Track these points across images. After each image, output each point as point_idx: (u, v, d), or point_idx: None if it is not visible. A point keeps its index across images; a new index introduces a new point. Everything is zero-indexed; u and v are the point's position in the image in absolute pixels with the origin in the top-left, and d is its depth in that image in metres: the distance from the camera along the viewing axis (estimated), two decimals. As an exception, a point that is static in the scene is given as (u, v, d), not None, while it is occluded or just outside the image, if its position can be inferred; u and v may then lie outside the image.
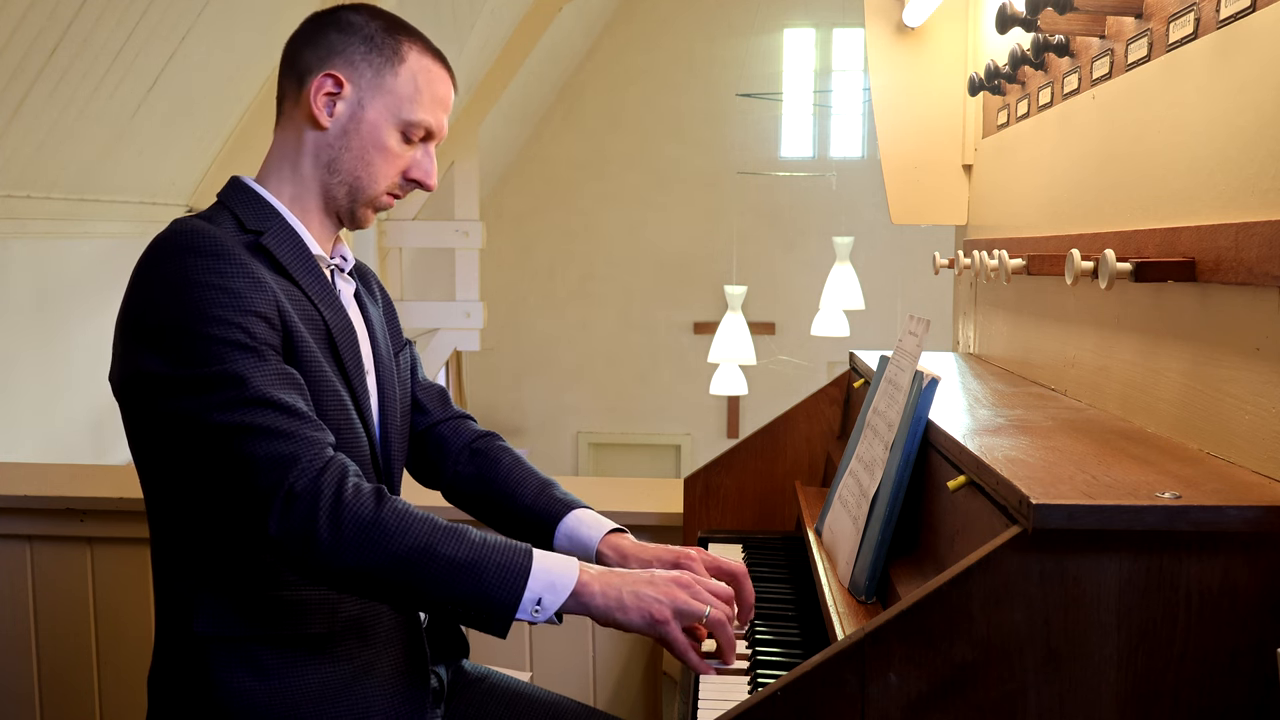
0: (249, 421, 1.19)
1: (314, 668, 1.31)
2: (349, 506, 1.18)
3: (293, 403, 1.23)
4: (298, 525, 1.18)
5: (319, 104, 1.35)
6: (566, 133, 9.20)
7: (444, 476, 1.59)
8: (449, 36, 5.60)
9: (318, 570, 1.20)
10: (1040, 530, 0.92)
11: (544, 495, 1.51)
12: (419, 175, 1.41)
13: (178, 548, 1.34)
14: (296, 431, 1.21)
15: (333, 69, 1.35)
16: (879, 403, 1.50)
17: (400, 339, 1.55)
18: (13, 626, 2.19)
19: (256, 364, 1.22)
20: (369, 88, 1.36)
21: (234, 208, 1.35)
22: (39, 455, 3.90)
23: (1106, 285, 1.20)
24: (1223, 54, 1.15)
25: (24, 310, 3.98)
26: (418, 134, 1.39)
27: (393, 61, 1.37)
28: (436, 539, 1.19)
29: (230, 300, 1.22)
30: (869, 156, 8.87)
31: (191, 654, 1.31)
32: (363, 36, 1.37)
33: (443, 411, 1.62)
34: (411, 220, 6.76)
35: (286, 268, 1.32)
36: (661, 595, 1.21)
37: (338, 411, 1.32)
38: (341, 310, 1.38)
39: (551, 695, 1.56)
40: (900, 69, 2.18)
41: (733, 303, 5.60)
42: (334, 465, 1.21)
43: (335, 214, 1.41)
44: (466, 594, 1.19)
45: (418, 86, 1.38)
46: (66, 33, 3.35)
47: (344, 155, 1.37)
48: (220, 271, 1.24)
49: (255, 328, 1.23)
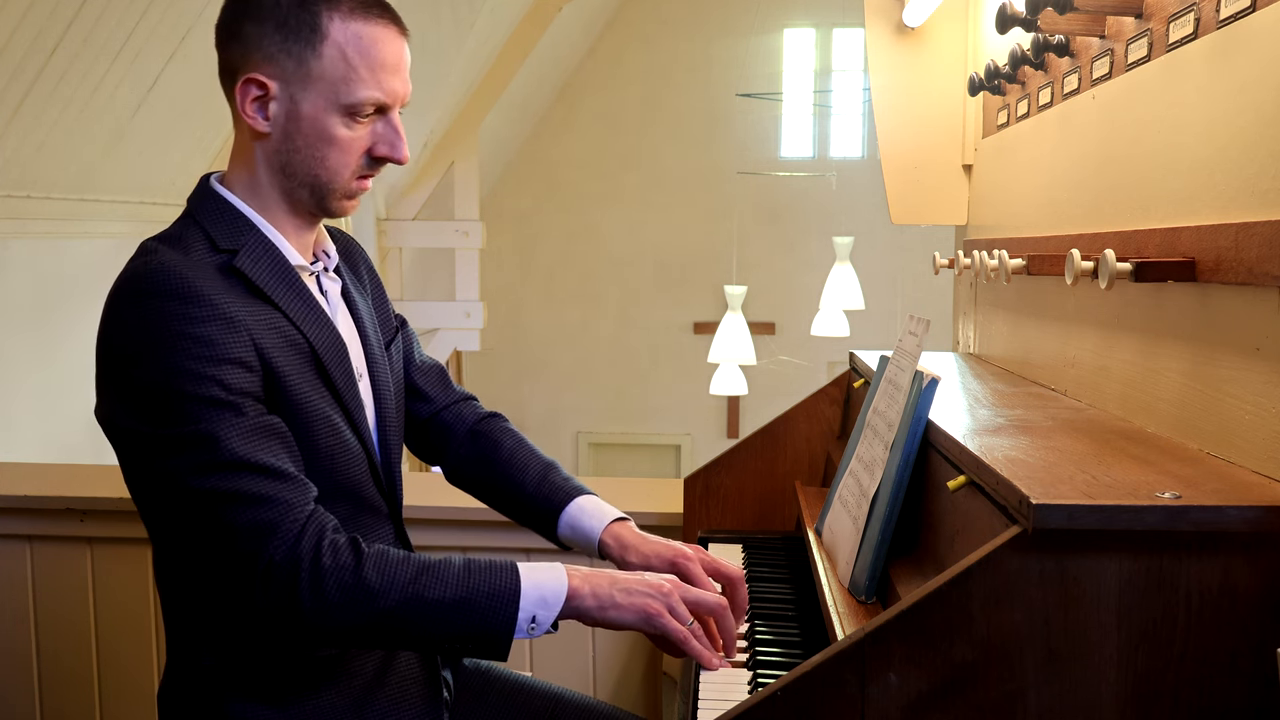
0: (224, 487, 1.15)
1: (326, 689, 1.30)
2: (329, 572, 1.15)
3: (270, 461, 1.17)
4: (281, 597, 1.15)
5: (250, 112, 1.24)
6: (566, 133, 9.19)
7: (446, 460, 1.57)
8: (449, 36, 5.59)
9: (309, 636, 1.18)
10: (1040, 530, 0.92)
11: (546, 483, 1.48)
12: (384, 151, 1.28)
13: (180, 582, 1.31)
14: (274, 495, 1.16)
15: (252, 71, 1.23)
16: (879, 403, 1.50)
17: (391, 323, 1.51)
18: (13, 626, 2.19)
19: (232, 420, 1.16)
20: (296, 80, 1.22)
21: (204, 222, 1.26)
22: (39, 455, 3.90)
23: (1106, 285, 1.20)
24: (1223, 54, 1.15)
25: (24, 310, 3.98)
26: (366, 112, 1.25)
27: (312, 41, 1.21)
28: (422, 585, 1.16)
29: (202, 349, 1.15)
30: (869, 156, 8.87)
31: (203, 684, 1.29)
32: (275, 21, 1.21)
33: (445, 396, 1.59)
34: (411, 220, 6.76)
35: (264, 290, 1.24)
36: (653, 591, 1.22)
37: (330, 437, 1.27)
38: (327, 325, 1.30)
39: (552, 687, 1.56)
40: (900, 69, 2.17)
41: (733, 303, 5.59)
42: (311, 528, 1.17)
43: (307, 213, 1.32)
44: (462, 631, 1.18)
45: (349, 62, 1.22)
46: (66, 33, 3.35)
47: (294, 158, 1.26)
48: (190, 317, 1.16)
49: (230, 377, 1.17)
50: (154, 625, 2.19)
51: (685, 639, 1.22)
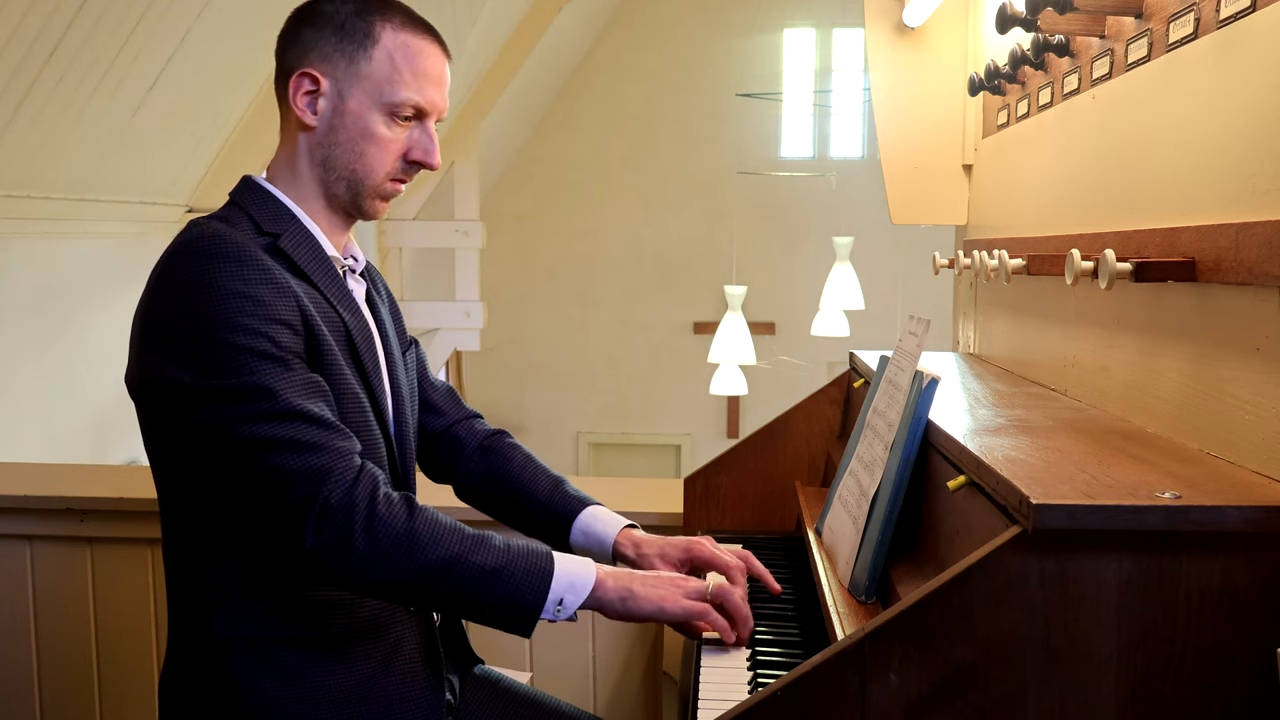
0: (278, 435, 1.20)
1: (334, 668, 1.32)
2: (383, 519, 1.20)
3: (320, 413, 1.23)
4: (334, 538, 1.19)
5: (300, 105, 1.33)
6: (566, 133, 9.19)
7: (456, 475, 1.62)
8: (449, 37, 5.59)
9: (352, 581, 1.23)
10: (1040, 530, 0.92)
11: (558, 493, 1.55)
12: (419, 156, 1.37)
13: (194, 550, 1.33)
14: (327, 443, 1.22)
15: (307, 67, 1.32)
16: (879, 403, 1.50)
17: (406, 338, 1.57)
18: (13, 626, 2.19)
19: (283, 374, 1.22)
20: (345, 78, 1.32)
21: (249, 208, 1.34)
22: (39, 455, 3.90)
23: (1106, 285, 1.20)
24: (1223, 54, 1.15)
25: (24, 310, 3.98)
26: (405, 114, 1.34)
27: (365, 45, 1.32)
28: (466, 548, 1.23)
29: (255, 308, 1.22)
30: (869, 156, 8.87)
31: (210, 655, 1.31)
32: (333, 26, 1.33)
33: (457, 412, 1.65)
34: (411, 220, 6.77)
35: (305, 270, 1.32)
36: (668, 584, 1.32)
37: (357, 414, 1.33)
38: (359, 312, 1.38)
39: (560, 703, 1.57)
40: (900, 69, 2.18)
41: (733, 303, 5.60)
42: (366, 476, 1.22)
43: (342, 210, 1.39)
44: (496, 599, 1.24)
45: (395, 65, 1.33)
46: (66, 33, 3.35)
47: (335, 151, 1.34)
48: (244, 278, 1.23)
49: (280, 336, 1.23)
50: (154, 625, 2.19)
51: (706, 613, 1.32)
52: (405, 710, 1.35)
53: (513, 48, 6.65)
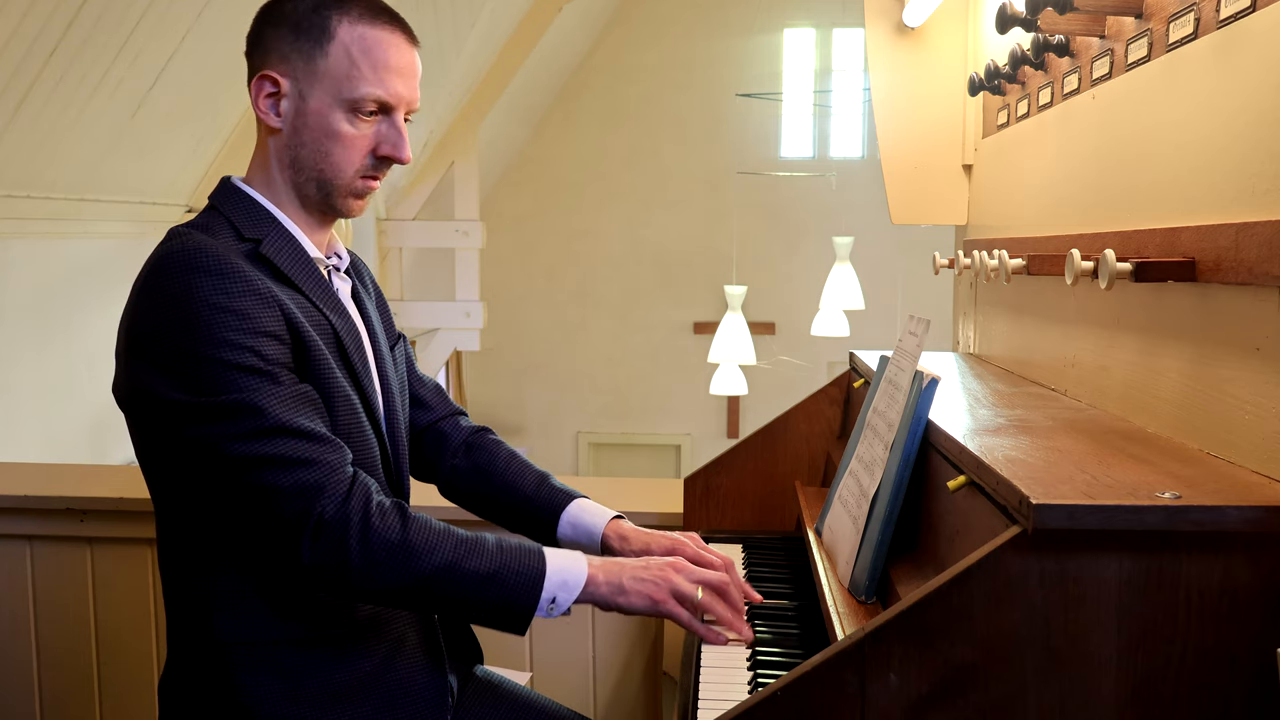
0: (269, 452, 1.20)
1: (337, 666, 1.32)
2: (378, 531, 1.21)
3: (311, 426, 1.23)
4: (330, 553, 1.20)
5: (263, 108, 1.32)
6: (566, 133, 9.19)
7: (441, 472, 1.61)
8: (449, 37, 5.60)
9: (350, 592, 1.24)
10: (1040, 530, 0.92)
11: (544, 487, 1.55)
12: (387, 151, 1.33)
13: (192, 556, 1.33)
14: (318, 458, 1.22)
15: (267, 68, 1.30)
16: (879, 403, 1.50)
17: (394, 332, 1.56)
18: (13, 626, 2.19)
19: (271, 389, 1.21)
20: (305, 77, 1.30)
21: (229, 213, 1.32)
22: (39, 455, 3.90)
23: (1106, 285, 1.20)
24: (1223, 54, 1.15)
25: (24, 310, 3.98)
26: (369, 109, 1.31)
27: (320, 42, 1.29)
28: (460, 554, 1.24)
29: (239, 322, 1.21)
30: (869, 156, 8.87)
31: (213, 661, 1.31)
32: (290, 24, 1.30)
33: (443, 408, 1.64)
34: (411, 220, 6.76)
35: (289, 276, 1.30)
36: (658, 578, 1.31)
37: (349, 416, 1.32)
38: (346, 314, 1.37)
39: (556, 706, 1.57)
40: (900, 69, 2.17)
41: (733, 303, 5.60)
42: (358, 488, 1.23)
43: (318, 210, 1.37)
44: (491, 602, 1.25)
45: (353, 60, 1.29)
46: (66, 33, 3.35)
47: (302, 153, 1.32)
48: (227, 291, 1.21)
49: (266, 349, 1.22)
50: (154, 625, 2.19)
51: (691, 623, 1.32)
52: (409, 703, 1.36)
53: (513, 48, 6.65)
